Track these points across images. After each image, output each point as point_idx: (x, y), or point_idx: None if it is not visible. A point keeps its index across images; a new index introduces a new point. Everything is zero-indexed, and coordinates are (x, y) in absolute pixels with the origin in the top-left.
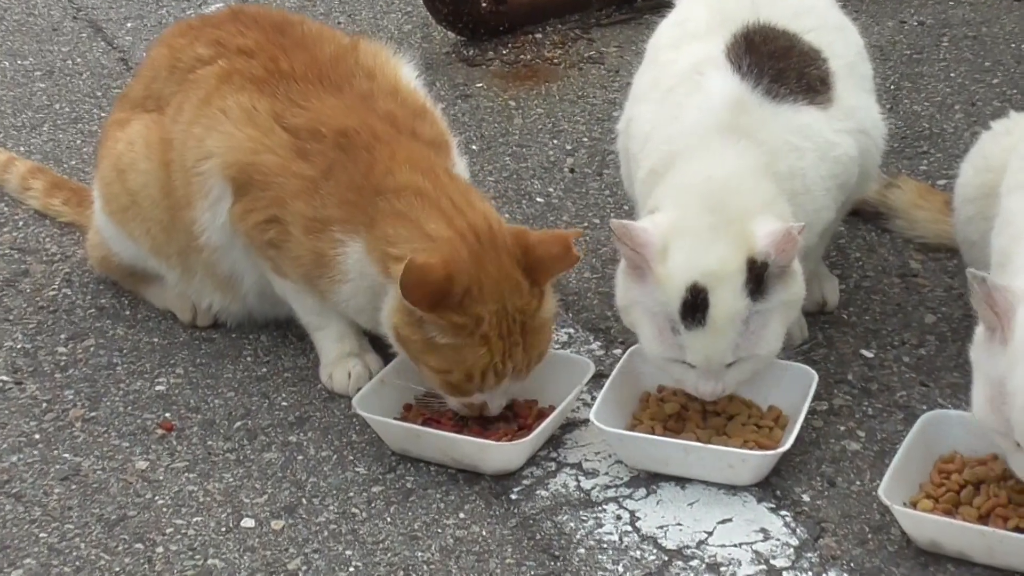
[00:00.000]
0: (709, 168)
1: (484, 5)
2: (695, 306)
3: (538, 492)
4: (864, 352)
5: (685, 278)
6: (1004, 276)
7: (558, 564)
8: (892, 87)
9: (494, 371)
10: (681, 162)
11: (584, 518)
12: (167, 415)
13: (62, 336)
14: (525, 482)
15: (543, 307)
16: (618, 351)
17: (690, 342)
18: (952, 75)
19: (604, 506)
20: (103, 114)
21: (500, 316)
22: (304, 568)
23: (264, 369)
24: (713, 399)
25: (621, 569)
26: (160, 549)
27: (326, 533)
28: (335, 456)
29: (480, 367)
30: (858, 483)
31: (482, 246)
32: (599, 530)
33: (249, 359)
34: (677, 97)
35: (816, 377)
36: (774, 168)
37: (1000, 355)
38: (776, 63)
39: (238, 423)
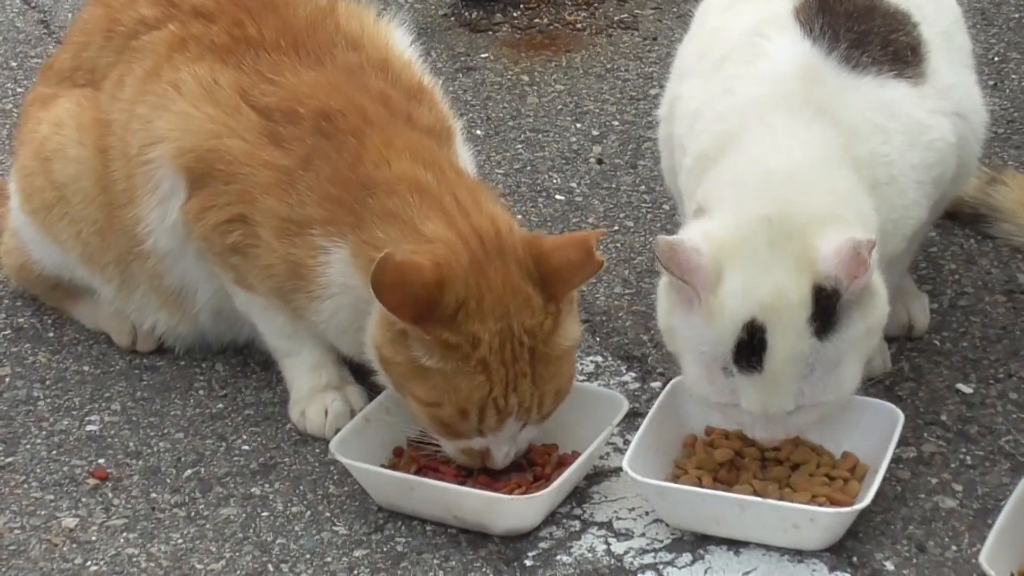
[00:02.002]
0: (771, 157)
1: None
2: (752, 347)
3: (559, 557)
4: (961, 387)
5: (741, 313)
6: None
7: None
8: (996, 59)
9: (495, 406)
10: (737, 146)
11: None
12: (100, 461)
13: None
14: (543, 545)
15: (560, 330)
16: (656, 384)
17: (745, 388)
18: None
19: (640, 575)
20: (21, 90)
21: (504, 338)
22: None
23: (220, 405)
24: (774, 445)
25: None
26: None
27: None
28: (308, 512)
29: (476, 400)
30: (954, 548)
31: (487, 253)
32: None
33: (202, 392)
34: (732, 67)
35: (902, 417)
36: (852, 152)
37: None
38: (856, 25)
39: (188, 471)
